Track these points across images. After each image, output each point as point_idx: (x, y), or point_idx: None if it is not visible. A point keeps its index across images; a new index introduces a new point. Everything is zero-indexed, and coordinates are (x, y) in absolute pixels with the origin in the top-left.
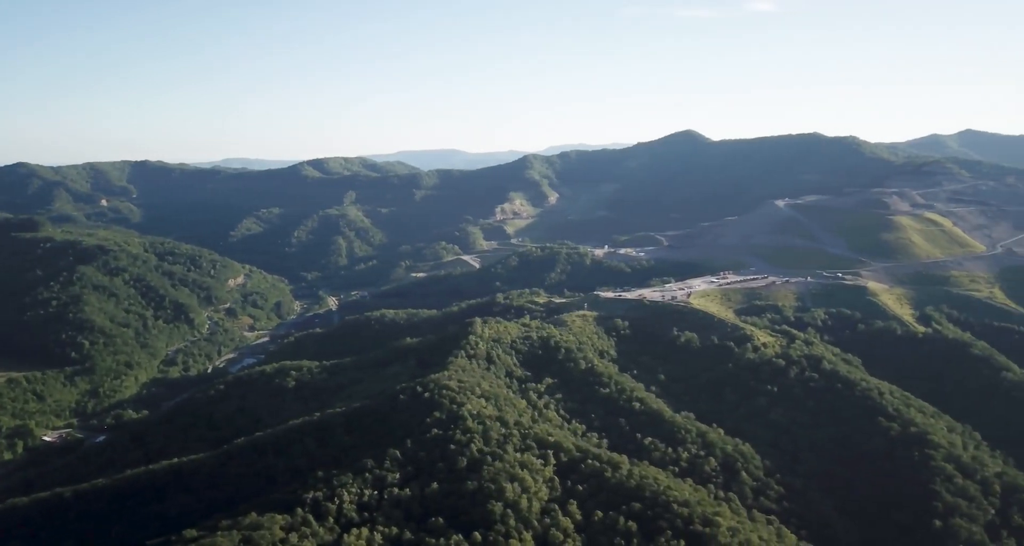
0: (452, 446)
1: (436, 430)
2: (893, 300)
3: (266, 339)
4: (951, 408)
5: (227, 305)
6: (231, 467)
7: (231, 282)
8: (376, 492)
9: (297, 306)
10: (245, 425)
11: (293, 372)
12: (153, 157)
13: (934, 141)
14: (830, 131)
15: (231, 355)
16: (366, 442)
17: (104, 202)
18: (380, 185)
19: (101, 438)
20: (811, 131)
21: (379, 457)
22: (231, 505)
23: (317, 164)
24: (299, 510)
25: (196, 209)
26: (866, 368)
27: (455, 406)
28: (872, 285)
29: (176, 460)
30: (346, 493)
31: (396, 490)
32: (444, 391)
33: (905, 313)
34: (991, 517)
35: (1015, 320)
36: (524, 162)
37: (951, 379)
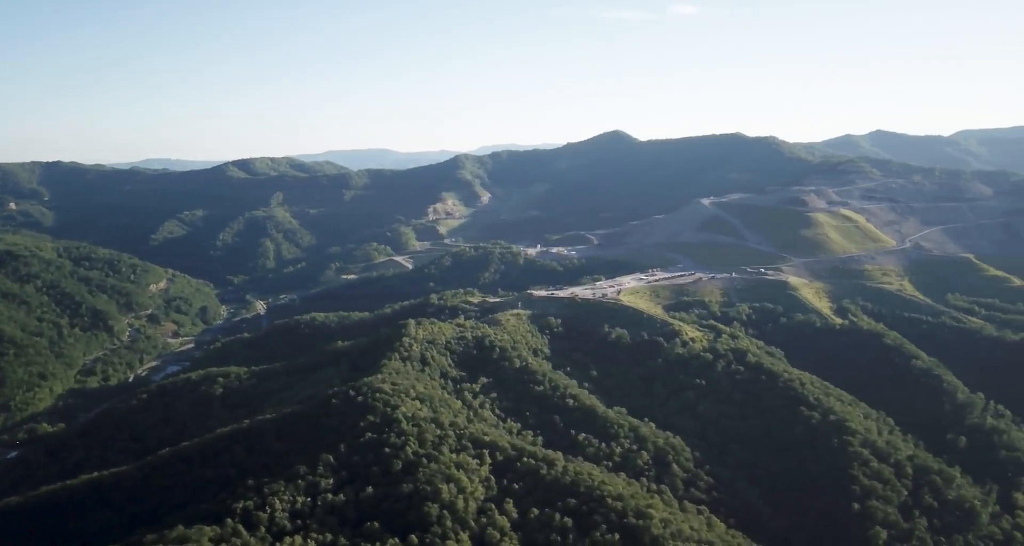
0: (387, 449)
1: (370, 434)
2: (812, 294)
3: (191, 346)
4: (866, 396)
5: (149, 311)
6: (155, 479)
7: (153, 287)
8: (309, 499)
9: (223, 311)
10: (170, 435)
11: (220, 379)
12: (67, 158)
13: (847, 141)
14: (751, 131)
15: (154, 363)
16: (298, 448)
17: (12, 205)
18: (308, 185)
19: (13, 454)
20: (734, 131)
21: (312, 463)
22: (156, 519)
23: (242, 164)
24: (229, 521)
25: (114, 212)
26: (788, 360)
27: (389, 409)
28: (793, 280)
29: (96, 474)
30: (278, 501)
31: (330, 496)
32: (377, 394)
33: (823, 306)
34: (904, 498)
35: (923, 311)
36: (456, 162)
37: (866, 368)
